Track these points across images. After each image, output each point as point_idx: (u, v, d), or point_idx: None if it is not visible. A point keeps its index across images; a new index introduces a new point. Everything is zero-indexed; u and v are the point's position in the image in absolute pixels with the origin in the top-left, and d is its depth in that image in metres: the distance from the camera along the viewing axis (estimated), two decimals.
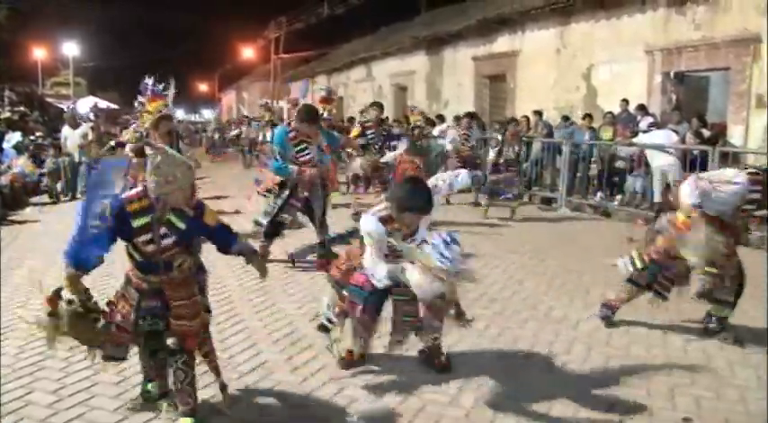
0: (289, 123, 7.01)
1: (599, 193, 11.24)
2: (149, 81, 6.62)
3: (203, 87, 54.13)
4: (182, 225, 3.11)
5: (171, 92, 6.81)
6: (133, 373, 3.91)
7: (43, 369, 4.01)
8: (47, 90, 33.47)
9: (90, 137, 12.74)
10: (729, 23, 10.79)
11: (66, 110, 18.14)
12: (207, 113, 34.08)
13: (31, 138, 15.83)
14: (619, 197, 11.13)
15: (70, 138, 12.69)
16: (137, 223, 3.05)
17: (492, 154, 10.08)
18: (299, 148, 6.42)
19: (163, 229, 3.09)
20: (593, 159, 11.72)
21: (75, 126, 12.77)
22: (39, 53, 35.95)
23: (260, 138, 16.43)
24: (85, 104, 28.51)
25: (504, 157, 9.84)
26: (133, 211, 3.05)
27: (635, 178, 10.88)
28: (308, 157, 6.43)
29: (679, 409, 3.59)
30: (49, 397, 3.63)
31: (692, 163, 9.31)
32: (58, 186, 12.41)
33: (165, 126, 6.88)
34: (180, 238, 3.14)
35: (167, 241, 3.11)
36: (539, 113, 13.47)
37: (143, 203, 3.06)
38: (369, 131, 8.79)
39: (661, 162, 9.89)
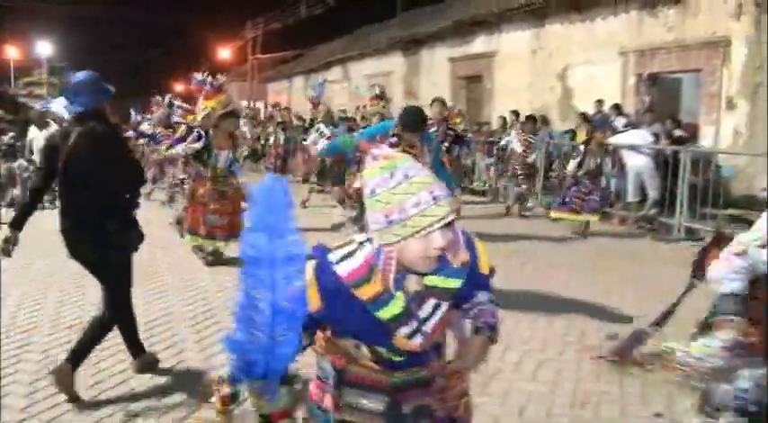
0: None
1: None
2: (200, 76, 6.30)
3: (179, 87, 53.73)
4: (456, 282, 1.79)
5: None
6: (109, 375, 3.91)
7: (20, 372, 3.98)
8: (19, 90, 32.99)
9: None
10: (700, 26, 10.99)
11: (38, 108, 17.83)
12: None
13: (4, 139, 15.54)
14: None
15: (36, 140, 10.70)
16: (386, 315, 1.72)
17: (572, 166, 9.02)
18: None
19: (431, 303, 1.77)
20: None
21: (42, 126, 10.77)
22: (11, 52, 35.47)
23: (271, 140, 15.93)
24: (60, 104, 28.12)
25: (585, 169, 8.74)
26: (370, 298, 1.70)
27: (609, 178, 10.98)
28: None
29: (651, 405, 3.66)
30: (22, 401, 3.60)
31: (665, 163, 9.47)
32: (10, 194, 10.98)
33: (230, 124, 6.44)
34: (454, 301, 1.85)
35: (437, 316, 1.79)
36: (516, 113, 13.54)
37: (376, 287, 1.69)
38: (431, 129, 7.38)
39: (635, 162, 10.01)
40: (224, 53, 34.93)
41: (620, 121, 11.74)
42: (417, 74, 19.60)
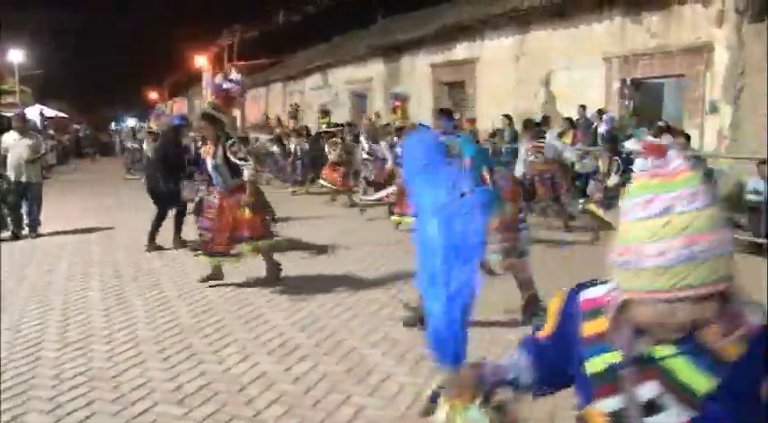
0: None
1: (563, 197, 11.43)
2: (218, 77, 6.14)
3: (153, 95, 53.17)
4: (704, 382, 1.19)
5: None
6: (130, 389, 3.85)
7: (35, 388, 3.90)
8: None
9: (43, 149, 9.66)
10: (683, 32, 11.18)
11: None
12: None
13: None
14: (582, 201, 11.32)
15: (13, 149, 8.98)
16: (590, 368, 1.32)
17: (616, 178, 8.31)
18: None
19: (652, 389, 1.23)
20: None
21: (24, 133, 9.20)
22: None
23: (292, 149, 14.93)
24: (32, 113, 27.67)
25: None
26: (588, 338, 1.34)
27: (596, 183, 11.07)
28: None
29: None
30: (46, 418, 3.53)
31: None
32: None
33: (205, 129, 6.10)
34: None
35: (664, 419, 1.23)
36: (508, 117, 13.51)
37: (600, 326, 1.32)
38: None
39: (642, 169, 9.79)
40: (200, 60, 34.60)
41: (603, 127, 11.90)
42: (398, 80, 19.61)
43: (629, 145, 10.04)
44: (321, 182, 12.94)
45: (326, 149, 13.10)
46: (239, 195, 6.03)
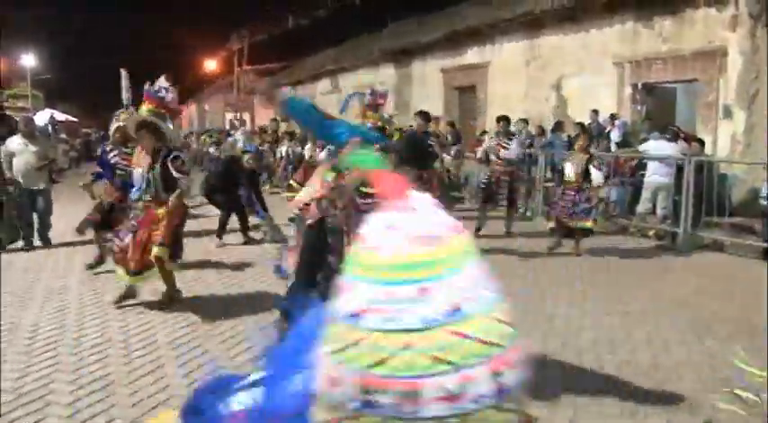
0: None
1: None
2: (154, 84, 5.58)
3: None
4: None
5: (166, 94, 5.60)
6: (148, 395, 3.85)
7: (53, 393, 3.91)
8: (2, 101, 32.52)
9: (51, 155, 9.13)
10: (695, 37, 11.14)
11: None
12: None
13: None
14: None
15: (20, 155, 8.49)
16: None
17: (599, 176, 8.27)
18: None
19: None
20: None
21: (31, 137, 8.74)
22: None
23: (280, 154, 15.15)
24: (42, 117, 27.85)
25: (567, 177, 8.30)
26: None
27: (610, 188, 11.04)
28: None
29: (696, 412, 3.68)
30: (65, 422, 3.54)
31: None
32: None
33: (145, 138, 5.53)
34: None
35: None
36: (525, 121, 13.40)
37: None
38: None
39: (660, 180, 9.60)
40: (210, 64, 34.79)
41: (615, 132, 11.86)
42: (409, 85, 19.65)
43: (643, 148, 10.06)
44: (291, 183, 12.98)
45: (306, 150, 13.10)
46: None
